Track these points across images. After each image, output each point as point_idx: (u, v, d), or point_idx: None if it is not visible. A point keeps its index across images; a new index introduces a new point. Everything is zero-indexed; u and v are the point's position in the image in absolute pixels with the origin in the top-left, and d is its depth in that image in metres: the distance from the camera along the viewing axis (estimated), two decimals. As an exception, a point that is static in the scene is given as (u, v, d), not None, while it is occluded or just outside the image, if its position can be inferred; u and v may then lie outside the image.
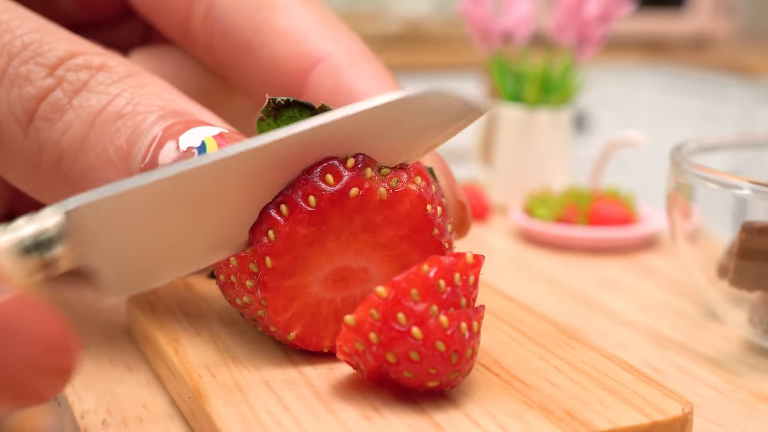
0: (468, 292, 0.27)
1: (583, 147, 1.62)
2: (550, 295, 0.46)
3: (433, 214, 0.29)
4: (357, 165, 0.28)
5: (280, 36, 0.34)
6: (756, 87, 1.84)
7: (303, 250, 0.28)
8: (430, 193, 0.29)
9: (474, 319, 0.26)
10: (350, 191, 0.28)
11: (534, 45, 0.70)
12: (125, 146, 0.30)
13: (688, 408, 0.27)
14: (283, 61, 0.34)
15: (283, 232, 0.28)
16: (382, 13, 2.03)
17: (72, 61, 0.31)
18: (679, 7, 2.09)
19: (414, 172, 0.29)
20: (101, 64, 0.31)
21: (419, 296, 0.26)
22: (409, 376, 0.26)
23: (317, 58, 0.33)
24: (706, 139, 0.44)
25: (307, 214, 0.28)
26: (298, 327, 0.29)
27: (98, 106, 0.31)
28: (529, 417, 0.26)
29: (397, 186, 0.28)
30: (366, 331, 0.26)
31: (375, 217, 0.28)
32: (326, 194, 0.28)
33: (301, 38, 0.34)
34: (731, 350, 0.38)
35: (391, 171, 0.29)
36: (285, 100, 0.30)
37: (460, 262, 0.27)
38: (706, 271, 0.40)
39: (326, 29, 0.34)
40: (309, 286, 0.28)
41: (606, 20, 0.66)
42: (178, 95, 0.32)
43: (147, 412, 0.30)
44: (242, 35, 0.34)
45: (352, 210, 0.28)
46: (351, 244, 0.28)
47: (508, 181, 0.65)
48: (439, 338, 0.26)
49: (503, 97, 0.67)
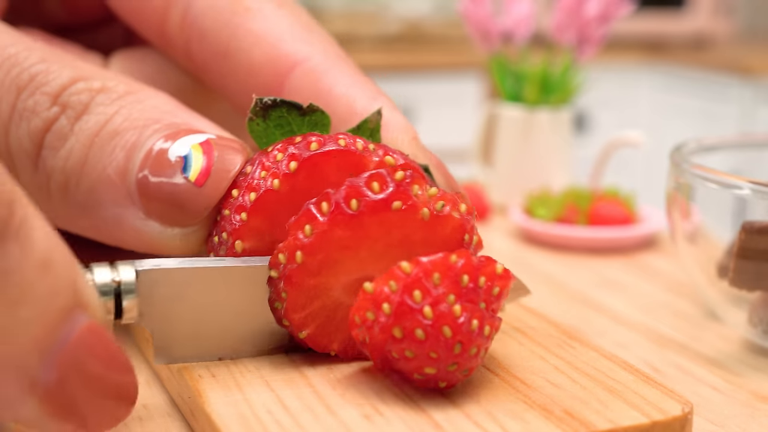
0: (489, 299, 0.27)
1: (583, 147, 1.62)
2: (551, 295, 0.46)
3: (468, 243, 0.29)
4: (405, 179, 0.28)
5: (256, 40, 0.34)
6: (756, 87, 1.84)
7: (335, 253, 0.28)
8: (471, 223, 0.29)
9: (488, 322, 0.27)
10: (393, 203, 0.28)
11: (534, 45, 0.70)
12: (123, 163, 0.30)
13: (688, 408, 0.27)
14: (260, 66, 0.34)
15: (319, 230, 0.27)
16: (382, 13, 2.03)
17: (74, 87, 0.31)
18: (679, 7, 2.09)
19: (460, 200, 0.29)
20: (101, 86, 0.32)
21: (440, 281, 0.26)
22: (410, 356, 0.26)
23: (294, 61, 0.34)
24: (706, 139, 0.44)
25: (346, 216, 0.27)
26: (311, 327, 0.29)
27: (96, 126, 0.31)
28: (529, 417, 0.26)
29: (441, 210, 0.28)
30: (380, 301, 0.26)
31: (413, 235, 0.28)
32: (369, 201, 0.28)
33: (276, 42, 0.34)
34: (731, 350, 0.38)
35: (438, 193, 0.29)
36: (272, 100, 0.30)
37: (489, 267, 0.27)
38: (705, 271, 0.40)
39: (302, 32, 0.34)
40: (331, 289, 0.28)
41: (606, 20, 0.66)
42: (177, 106, 0.32)
43: (147, 412, 0.30)
44: (219, 40, 0.35)
45: (391, 223, 0.28)
46: (384, 257, 0.28)
47: (508, 181, 0.65)
48: (447, 324, 0.26)
49: (503, 97, 0.67)
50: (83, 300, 0.23)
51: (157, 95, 0.33)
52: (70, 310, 0.22)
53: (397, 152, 0.30)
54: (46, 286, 0.21)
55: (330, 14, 1.94)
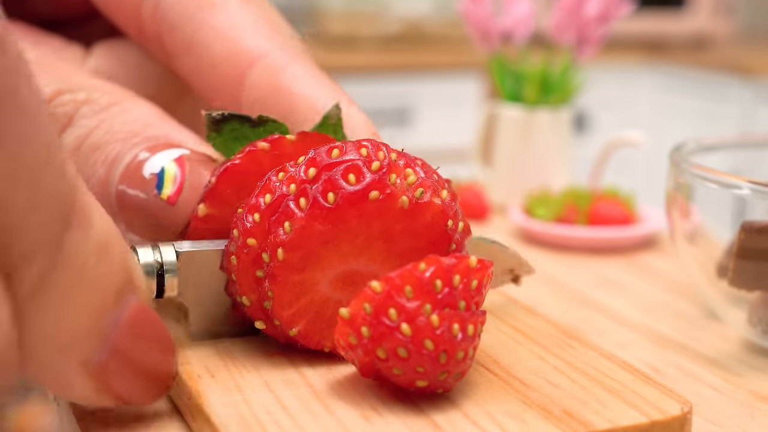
0: (468, 296, 0.27)
1: (583, 147, 1.62)
2: (550, 295, 0.46)
3: (453, 229, 0.29)
4: (381, 169, 0.28)
5: (218, 36, 0.34)
6: (756, 87, 1.84)
7: (316, 248, 0.28)
8: (453, 208, 0.29)
9: (470, 322, 0.26)
10: (370, 194, 0.28)
11: (534, 45, 0.70)
12: (104, 176, 0.31)
13: (687, 407, 0.27)
14: (221, 61, 0.34)
15: (298, 226, 0.28)
16: (382, 13, 2.03)
17: (59, 99, 0.32)
18: (679, 7, 2.09)
19: (441, 185, 0.29)
20: (86, 98, 0.32)
21: (413, 293, 0.26)
22: (398, 373, 0.26)
23: (253, 57, 0.33)
24: (705, 139, 0.44)
25: (324, 210, 0.27)
26: (301, 323, 0.29)
27: (77, 140, 0.32)
28: (528, 417, 0.26)
29: (420, 197, 0.28)
30: (359, 325, 0.26)
31: (394, 224, 0.28)
32: (345, 193, 0.27)
33: (237, 38, 0.34)
34: (731, 350, 0.38)
35: (418, 180, 0.28)
36: (221, 115, 0.30)
37: (462, 265, 0.27)
38: (705, 271, 0.40)
39: (264, 28, 0.34)
40: (317, 284, 0.28)
41: (606, 20, 0.66)
42: (159, 117, 0.33)
43: (147, 412, 0.30)
44: (184, 34, 0.35)
45: (370, 214, 0.28)
46: (366, 249, 0.28)
47: (507, 181, 0.65)
48: (428, 337, 0.26)
49: (503, 97, 0.67)
50: (134, 281, 0.24)
51: (139, 105, 0.33)
52: (124, 292, 0.23)
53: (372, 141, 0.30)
54: (103, 269, 0.22)
55: (330, 14, 1.94)
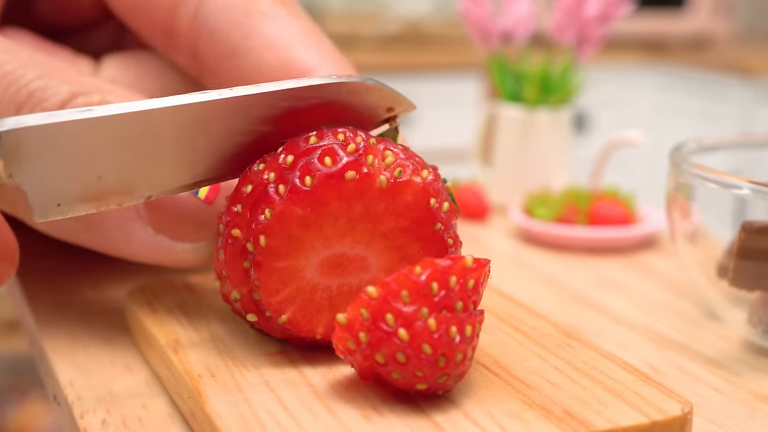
0: (466, 296, 0.27)
1: (583, 147, 1.62)
2: (550, 295, 0.46)
3: (437, 208, 0.29)
4: (358, 150, 0.28)
5: (268, 43, 0.34)
6: (756, 87, 1.84)
7: (298, 232, 0.28)
8: (436, 187, 0.29)
9: (467, 323, 0.26)
10: (346, 174, 0.28)
11: (534, 45, 0.70)
12: None
13: (687, 408, 0.27)
14: (269, 68, 0.34)
15: (277, 211, 0.28)
16: (382, 13, 2.03)
17: (74, 102, 0.32)
18: (679, 7, 2.09)
19: (421, 165, 0.29)
20: (100, 100, 0.32)
21: (409, 298, 0.26)
22: (398, 378, 0.26)
23: (304, 68, 0.34)
24: (705, 139, 0.44)
25: (302, 194, 0.28)
26: (290, 310, 0.29)
27: None
28: (529, 417, 0.26)
29: (399, 176, 0.28)
30: (356, 331, 0.26)
31: (375, 206, 0.28)
32: (321, 174, 0.28)
33: (288, 47, 0.34)
34: (731, 350, 0.38)
35: (396, 161, 0.28)
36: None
37: (458, 265, 0.27)
38: (705, 271, 0.40)
39: (312, 42, 0.35)
40: (303, 270, 0.28)
41: (606, 20, 0.66)
42: None
43: (147, 412, 0.30)
44: (229, 39, 0.35)
45: (349, 195, 0.28)
46: (349, 231, 0.28)
47: (507, 181, 0.65)
48: (425, 341, 0.26)
49: (503, 97, 0.67)
50: None
51: None
52: None
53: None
54: None
55: (330, 14, 1.93)
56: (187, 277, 0.37)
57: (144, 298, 0.35)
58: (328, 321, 0.29)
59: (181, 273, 0.39)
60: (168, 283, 0.36)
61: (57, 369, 0.33)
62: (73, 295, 0.40)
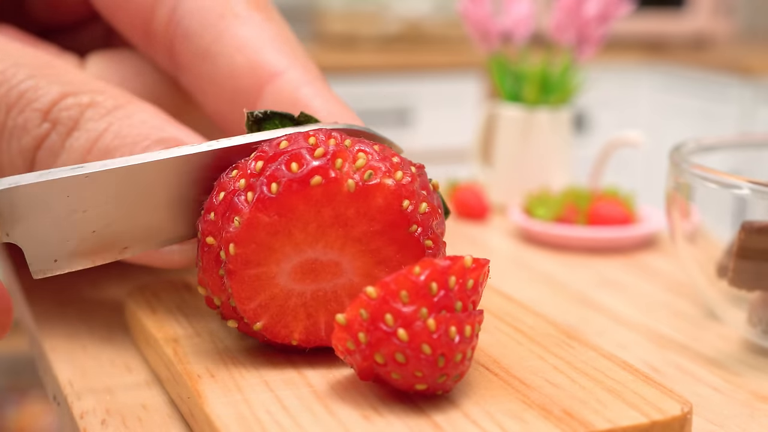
0: (465, 296, 0.27)
1: (583, 147, 1.62)
2: (550, 295, 0.46)
3: (411, 210, 0.28)
4: (326, 155, 0.28)
5: (240, 46, 0.34)
6: (756, 87, 1.84)
7: (267, 239, 0.28)
8: (411, 188, 0.28)
9: (467, 323, 0.26)
10: (311, 179, 0.28)
11: (533, 45, 0.70)
12: None
13: (687, 407, 0.27)
14: (241, 71, 0.34)
15: (245, 219, 0.28)
16: (382, 13, 2.03)
17: (63, 102, 0.32)
18: (679, 7, 2.09)
19: (394, 168, 0.29)
20: (90, 101, 0.32)
21: (408, 298, 0.26)
22: (397, 378, 0.26)
23: (275, 71, 0.34)
24: (705, 139, 0.44)
25: (268, 201, 0.27)
26: (264, 317, 0.29)
27: (87, 144, 0.32)
28: (528, 417, 0.26)
29: (369, 179, 0.28)
30: (356, 331, 0.26)
31: (345, 210, 0.28)
32: (286, 181, 0.27)
33: (259, 50, 0.34)
34: (731, 350, 0.38)
35: (366, 164, 0.28)
36: (263, 113, 0.30)
37: (457, 266, 0.27)
38: (705, 270, 0.40)
39: (285, 46, 0.35)
40: (275, 277, 0.28)
41: (605, 20, 0.66)
42: (165, 120, 0.33)
43: (146, 412, 0.30)
44: (203, 41, 0.35)
45: (317, 200, 0.28)
46: (320, 237, 0.28)
47: (507, 181, 0.65)
48: (425, 341, 0.26)
49: (503, 97, 0.67)
50: None
51: (145, 109, 0.33)
52: None
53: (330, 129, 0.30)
54: None
55: (330, 14, 1.93)
56: (186, 277, 0.37)
57: (143, 298, 0.35)
58: (304, 327, 0.29)
59: (181, 273, 0.39)
60: (167, 283, 0.36)
61: (56, 369, 0.33)
62: (73, 295, 0.40)
